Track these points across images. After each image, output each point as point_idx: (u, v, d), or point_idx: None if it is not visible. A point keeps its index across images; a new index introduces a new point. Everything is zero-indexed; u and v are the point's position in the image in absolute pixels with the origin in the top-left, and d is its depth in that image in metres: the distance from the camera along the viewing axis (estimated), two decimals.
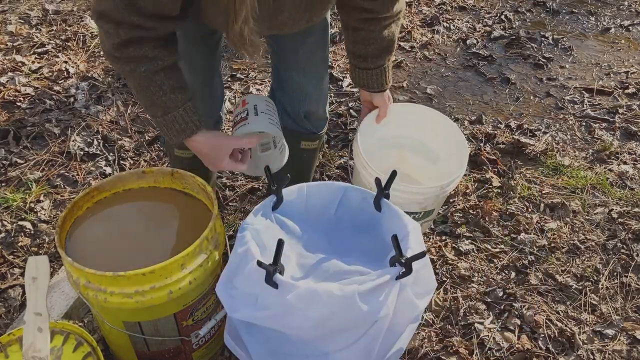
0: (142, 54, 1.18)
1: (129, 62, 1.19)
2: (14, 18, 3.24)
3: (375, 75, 1.53)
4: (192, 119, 1.29)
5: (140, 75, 1.21)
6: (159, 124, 1.29)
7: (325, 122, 1.73)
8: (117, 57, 1.19)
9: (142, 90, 1.24)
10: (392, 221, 1.25)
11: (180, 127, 1.28)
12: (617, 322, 1.72)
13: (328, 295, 1.02)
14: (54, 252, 1.88)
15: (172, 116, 1.27)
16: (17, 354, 1.26)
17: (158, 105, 1.25)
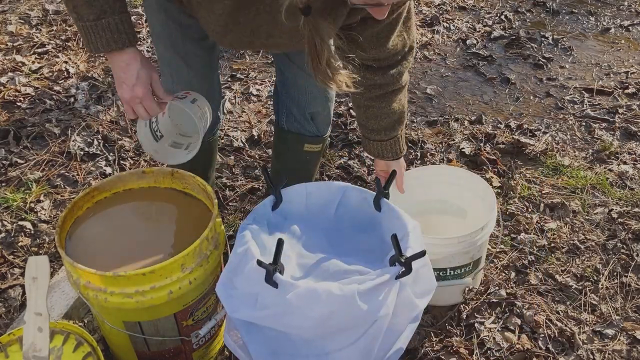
0: None
1: None
2: (14, 18, 3.24)
3: (390, 145, 1.54)
4: (127, 30, 1.19)
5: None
6: (86, 29, 1.17)
7: (330, 125, 1.72)
8: None
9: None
10: (392, 221, 1.25)
11: (112, 37, 1.18)
12: (617, 322, 1.72)
13: (328, 295, 1.02)
14: (54, 252, 1.88)
15: (105, 22, 1.16)
16: (17, 354, 1.26)
17: (93, 7, 1.15)
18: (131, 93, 1.23)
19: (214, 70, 1.59)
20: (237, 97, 2.73)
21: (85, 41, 1.21)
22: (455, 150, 2.42)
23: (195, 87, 1.53)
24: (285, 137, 1.71)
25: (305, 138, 1.69)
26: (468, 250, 1.59)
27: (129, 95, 1.23)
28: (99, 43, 1.18)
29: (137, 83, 1.22)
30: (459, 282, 1.67)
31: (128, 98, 1.23)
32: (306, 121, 1.64)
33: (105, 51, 1.20)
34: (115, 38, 1.18)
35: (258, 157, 2.34)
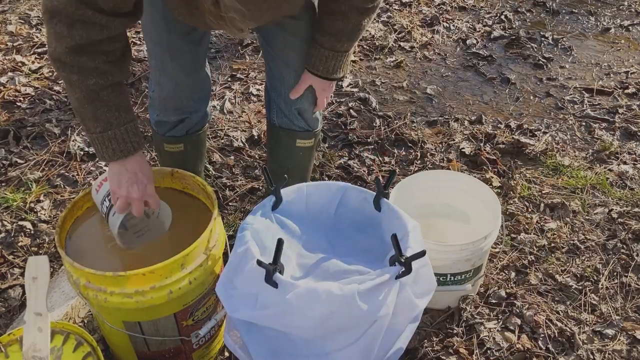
0: (93, 66, 1.16)
1: (78, 72, 1.17)
2: (14, 18, 3.24)
3: (325, 57, 1.47)
4: (132, 139, 1.26)
5: (88, 88, 1.18)
6: (94, 139, 1.25)
7: (320, 119, 1.72)
8: (67, 64, 1.15)
9: (85, 103, 1.20)
10: (392, 221, 1.25)
11: (118, 146, 1.25)
12: (617, 322, 1.72)
13: (328, 295, 1.02)
14: (54, 252, 1.88)
15: (111, 133, 1.23)
16: (17, 354, 1.26)
17: (99, 121, 1.22)
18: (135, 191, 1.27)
19: (200, 65, 1.59)
20: (237, 97, 2.73)
21: (95, 150, 1.28)
22: (455, 150, 2.42)
23: (181, 81, 1.53)
24: (277, 134, 1.72)
25: (296, 134, 1.69)
26: (470, 257, 1.59)
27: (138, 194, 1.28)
28: (106, 153, 1.26)
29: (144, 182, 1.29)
30: (458, 288, 1.67)
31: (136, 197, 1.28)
32: (295, 117, 1.64)
33: (111, 160, 1.27)
34: (121, 147, 1.25)
35: (258, 157, 2.34)
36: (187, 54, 1.51)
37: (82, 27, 1.11)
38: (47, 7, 1.10)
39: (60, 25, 1.11)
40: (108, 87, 1.20)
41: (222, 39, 3.22)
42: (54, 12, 1.10)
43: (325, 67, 1.49)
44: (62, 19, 1.10)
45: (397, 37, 3.30)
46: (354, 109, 2.67)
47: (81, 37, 1.12)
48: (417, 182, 1.76)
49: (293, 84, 1.57)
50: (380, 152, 2.41)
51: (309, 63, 1.50)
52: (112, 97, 1.21)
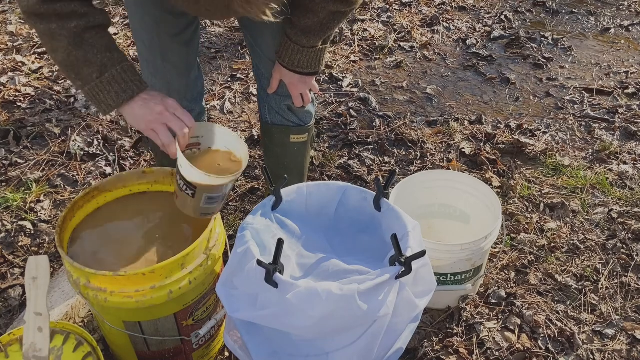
0: (70, 10, 1.12)
1: (57, 19, 1.12)
2: (14, 18, 3.24)
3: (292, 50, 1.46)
4: (133, 78, 1.19)
5: (71, 31, 1.12)
6: (93, 88, 1.17)
7: (312, 114, 1.73)
8: (43, 15, 1.10)
9: (73, 49, 1.13)
10: (392, 221, 1.25)
11: (120, 87, 1.17)
12: (617, 322, 1.72)
13: (328, 295, 1.02)
14: (54, 252, 1.88)
15: (109, 75, 1.16)
16: (17, 354, 1.26)
17: (93, 65, 1.15)
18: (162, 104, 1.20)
19: (191, 65, 1.59)
20: (237, 97, 2.73)
21: (96, 103, 1.20)
22: (455, 150, 2.42)
23: (173, 81, 1.53)
24: (270, 131, 1.73)
25: (290, 129, 1.69)
26: (470, 257, 1.59)
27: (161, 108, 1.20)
28: (109, 98, 1.18)
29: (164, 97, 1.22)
30: (458, 288, 1.67)
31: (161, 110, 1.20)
32: (285, 113, 1.66)
33: (117, 105, 1.18)
34: (123, 88, 1.18)
35: (258, 157, 2.34)
36: (178, 54, 1.52)
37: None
38: None
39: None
40: (92, 29, 1.15)
41: (222, 39, 3.22)
42: None
43: (291, 60, 1.49)
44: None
45: (397, 37, 3.30)
46: (354, 109, 2.67)
47: None
48: (417, 182, 1.76)
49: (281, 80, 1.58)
50: (380, 152, 2.41)
51: (277, 53, 1.51)
52: (98, 38, 1.16)
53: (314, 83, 1.60)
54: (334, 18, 1.42)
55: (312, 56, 1.49)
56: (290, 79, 1.55)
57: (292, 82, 1.56)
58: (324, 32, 1.46)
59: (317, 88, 1.64)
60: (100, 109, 1.22)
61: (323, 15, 1.40)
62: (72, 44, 1.14)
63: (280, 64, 1.52)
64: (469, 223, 1.82)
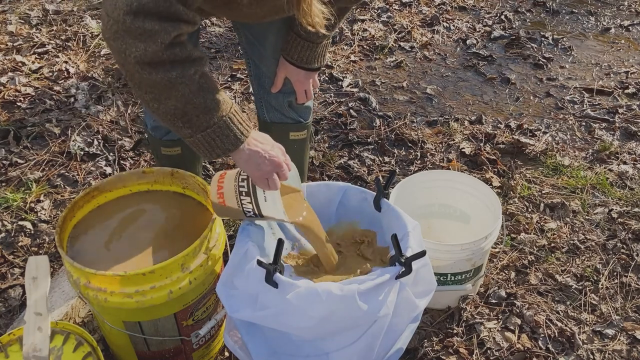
0: (187, 55, 1.08)
1: (177, 66, 1.07)
2: (14, 18, 3.24)
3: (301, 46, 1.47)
4: (244, 117, 1.15)
5: (192, 79, 1.08)
6: (209, 135, 1.12)
7: (310, 110, 1.74)
8: (161, 62, 1.05)
9: (192, 97, 1.09)
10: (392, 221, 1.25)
11: (242, 125, 1.13)
12: (617, 322, 1.72)
13: (328, 295, 1.02)
14: (54, 252, 1.88)
15: (227, 119, 1.11)
16: (17, 354, 1.26)
17: (210, 110, 1.10)
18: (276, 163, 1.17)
19: None
20: (237, 97, 2.73)
21: (207, 149, 1.13)
22: (455, 150, 2.42)
23: None
24: (269, 129, 1.73)
25: (289, 126, 1.70)
26: (470, 257, 1.59)
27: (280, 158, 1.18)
28: (228, 143, 1.13)
29: (277, 151, 1.18)
30: (458, 288, 1.67)
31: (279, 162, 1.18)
32: (285, 109, 1.66)
33: (234, 149, 1.13)
34: (240, 130, 1.13)
35: None
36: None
37: (174, 20, 1.04)
38: (132, 8, 1.01)
39: (149, 22, 1.01)
40: (205, 74, 1.12)
41: (222, 39, 3.22)
42: (140, 11, 1.01)
43: (300, 56, 1.50)
44: (153, 15, 1.02)
45: (397, 37, 3.30)
46: (354, 109, 2.67)
47: (173, 27, 1.04)
48: (417, 182, 1.76)
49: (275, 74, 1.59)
50: (380, 152, 2.41)
51: (284, 50, 1.52)
52: (210, 82, 1.12)
53: (316, 78, 1.62)
54: (340, 14, 1.45)
55: (319, 52, 1.52)
56: (297, 76, 1.56)
57: (299, 79, 1.57)
58: (334, 27, 1.48)
59: (318, 83, 1.65)
60: (210, 155, 1.15)
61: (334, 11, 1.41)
62: (193, 92, 1.09)
63: (288, 61, 1.53)
64: (469, 223, 1.82)
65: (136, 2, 1.00)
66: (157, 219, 1.45)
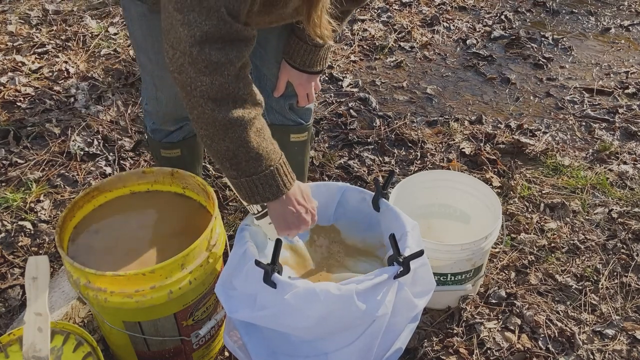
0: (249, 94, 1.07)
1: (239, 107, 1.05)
2: (14, 18, 3.24)
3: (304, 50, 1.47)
4: (289, 170, 1.15)
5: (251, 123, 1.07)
6: (254, 182, 1.10)
7: (311, 112, 1.73)
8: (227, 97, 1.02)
9: (248, 141, 1.07)
10: (391, 221, 1.25)
11: (282, 181, 1.12)
12: (617, 322, 1.72)
13: (326, 295, 1.02)
14: (54, 252, 1.88)
15: (274, 169, 1.11)
16: (17, 354, 1.26)
17: (261, 158, 1.09)
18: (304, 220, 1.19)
19: None
20: None
21: (248, 193, 1.13)
22: (455, 150, 2.42)
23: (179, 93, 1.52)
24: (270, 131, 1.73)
25: (290, 128, 1.70)
26: (471, 257, 1.59)
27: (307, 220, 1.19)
28: (269, 192, 1.12)
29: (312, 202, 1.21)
30: (458, 288, 1.67)
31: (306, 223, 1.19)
32: (286, 112, 1.66)
33: (274, 199, 1.13)
34: (284, 181, 1.13)
35: None
36: None
37: (233, 48, 1.02)
38: (196, 38, 0.98)
39: (215, 53, 0.99)
40: (262, 120, 1.11)
41: None
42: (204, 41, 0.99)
43: (303, 60, 1.50)
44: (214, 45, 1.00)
45: (397, 37, 3.30)
46: (354, 109, 2.67)
47: (238, 58, 1.03)
48: (417, 182, 1.76)
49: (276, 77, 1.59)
50: (380, 152, 2.41)
51: (287, 54, 1.51)
52: (266, 129, 1.11)
53: (318, 81, 1.62)
54: (343, 17, 1.44)
55: (322, 55, 1.51)
56: (299, 79, 1.55)
57: (301, 83, 1.56)
58: (335, 30, 1.46)
59: (319, 86, 1.65)
60: (249, 199, 1.15)
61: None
62: (250, 137, 1.07)
63: (290, 65, 1.52)
64: (469, 223, 1.82)
65: (199, 32, 0.98)
66: (157, 219, 1.45)
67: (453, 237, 1.82)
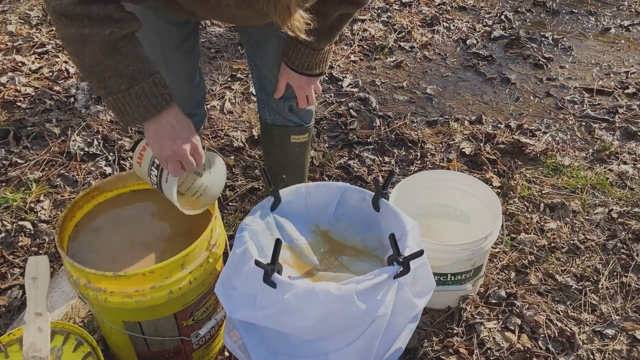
0: (105, 14, 1.06)
1: (91, 23, 1.05)
2: (14, 18, 3.24)
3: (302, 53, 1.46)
4: (163, 91, 1.14)
5: (104, 39, 1.06)
6: (120, 99, 1.11)
7: (312, 114, 1.73)
8: (76, 16, 1.04)
9: (104, 58, 1.08)
10: (391, 221, 1.25)
11: (149, 102, 1.12)
12: (617, 322, 1.72)
13: (326, 295, 1.02)
14: (54, 252, 1.88)
15: (139, 88, 1.11)
16: (17, 354, 1.26)
17: (123, 76, 1.09)
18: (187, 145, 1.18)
19: (194, 72, 1.59)
20: (237, 97, 2.73)
21: (119, 114, 1.14)
22: (455, 150, 2.42)
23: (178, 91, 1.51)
24: (271, 132, 1.73)
25: (290, 129, 1.70)
26: (471, 257, 1.59)
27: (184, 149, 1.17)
28: (137, 113, 1.13)
29: (186, 136, 1.18)
30: (458, 288, 1.67)
31: (183, 152, 1.17)
32: (287, 113, 1.66)
33: (143, 120, 1.14)
34: (152, 102, 1.12)
35: (258, 157, 2.34)
36: (182, 64, 1.52)
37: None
38: None
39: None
40: (125, 37, 1.10)
41: (222, 39, 3.22)
42: None
43: (301, 63, 1.49)
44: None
45: (397, 37, 3.30)
46: (354, 109, 2.67)
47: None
48: (417, 182, 1.76)
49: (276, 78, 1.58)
50: (380, 152, 2.41)
51: (286, 56, 1.51)
52: (130, 47, 1.11)
53: (318, 84, 1.61)
54: (342, 19, 1.44)
55: (321, 58, 1.50)
56: (298, 82, 1.55)
57: (300, 85, 1.56)
58: (334, 34, 1.47)
59: (320, 89, 1.64)
60: (122, 121, 1.16)
61: (333, 18, 1.41)
62: (103, 52, 1.08)
63: (289, 67, 1.52)
64: (469, 223, 1.82)
65: None
66: (157, 219, 1.45)
67: (453, 237, 1.82)
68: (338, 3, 1.37)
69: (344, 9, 1.39)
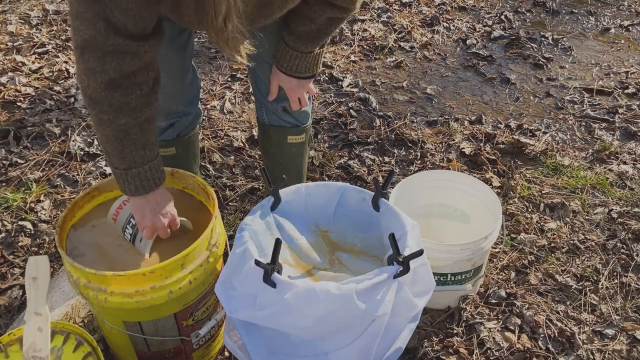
0: (125, 102, 1.16)
1: (110, 111, 1.16)
2: (14, 18, 3.24)
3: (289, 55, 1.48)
4: (154, 176, 1.27)
5: (119, 127, 1.18)
6: (117, 174, 1.25)
7: (308, 114, 1.73)
8: (99, 102, 1.14)
9: (113, 141, 1.20)
10: (391, 221, 1.25)
11: (141, 184, 1.25)
12: (617, 322, 1.72)
13: (326, 294, 1.02)
14: (54, 252, 1.88)
15: (135, 171, 1.24)
16: (17, 354, 1.26)
17: (125, 159, 1.22)
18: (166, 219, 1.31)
19: (187, 69, 1.59)
20: (237, 97, 2.73)
21: (118, 184, 1.28)
22: (455, 150, 2.42)
23: (169, 88, 1.51)
24: (268, 132, 1.74)
25: (287, 130, 1.70)
26: (471, 257, 1.59)
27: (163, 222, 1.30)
28: (128, 189, 1.26)
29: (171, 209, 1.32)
30: (458, 288, 1.67)
31: (161, 225, 1.31)
32: (281, 114, 1.66)
33: (132, 195, 1.27)
34: (143, 185, 1.26)
35: (258, 157, 2.34)
36: (175, 60, 1.51)
37: (113, 59, 1.10)
38: (78, 43, 1.09)
39: (92, 60, 1.09)
40: (137, 126, 1.20)
41: None
42: (84, 47, 1.09)
43: (289, 65, 1.50)
44: (93, 53, 1.09)
45: (397, 37, 3.30)
46: (354, 109, 2.67)
47: (114, 70, 1.11)
48: (417, 182, 1.76)
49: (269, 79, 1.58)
50: (380, 152, 2.41)
51: (275, 58, 1.52)
52: (140, 135, 1.21)
53: (311, 85, 1.61)
54: (330, 24, 1.43)
55: (310, 61, 1.50)
56: (289, 84, 1.55)
57: (291, 87, 1.56)
58: (321, 38, 1.46)
59: (314, 90, 1.64)
60: (120, 189, 1.29)
61: (320, 22, 1.41)
62: (115, 137, 1.20)
63: (278, 69, 1.52)
64: (469, 223, 1.82)
65: (80, 39, 1.08)
66: None
67: (453, 237, 1.82)
68: (322, 7, 1.37)
69: (329, 12, 1.38)
